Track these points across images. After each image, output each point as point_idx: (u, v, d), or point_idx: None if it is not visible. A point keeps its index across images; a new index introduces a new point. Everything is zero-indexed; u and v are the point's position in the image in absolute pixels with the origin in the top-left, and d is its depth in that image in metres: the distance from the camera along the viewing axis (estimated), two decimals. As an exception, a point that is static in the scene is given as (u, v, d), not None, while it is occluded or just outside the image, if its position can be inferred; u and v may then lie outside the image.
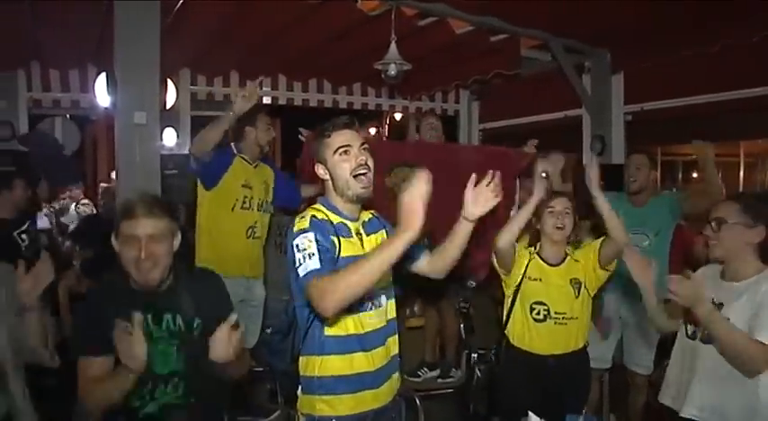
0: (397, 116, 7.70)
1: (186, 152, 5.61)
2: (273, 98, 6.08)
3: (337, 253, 1.81)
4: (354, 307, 1.80)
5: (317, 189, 1.98)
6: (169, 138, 5.56)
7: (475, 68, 5.38)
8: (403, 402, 2.10)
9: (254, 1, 3.89)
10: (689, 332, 2.12)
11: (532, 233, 2.76)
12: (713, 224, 2.04)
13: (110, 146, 8.29)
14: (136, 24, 3.35)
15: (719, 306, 2.00)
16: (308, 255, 1.74)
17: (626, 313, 3.34)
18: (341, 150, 1.88)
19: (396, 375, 2.03)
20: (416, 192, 1.56)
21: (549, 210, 2.64)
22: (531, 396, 2.56)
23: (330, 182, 1.92)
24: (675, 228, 3.41)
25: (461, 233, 1.90)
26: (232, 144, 3.45)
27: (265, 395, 3.56)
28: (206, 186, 3.37)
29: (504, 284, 2.75)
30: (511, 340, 2.73)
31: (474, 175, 1.82)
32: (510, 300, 2.72)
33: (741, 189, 7.80)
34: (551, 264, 2.68)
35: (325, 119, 2.02)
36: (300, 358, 1.94)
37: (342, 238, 1.86)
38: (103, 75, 4.88)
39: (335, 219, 1.90)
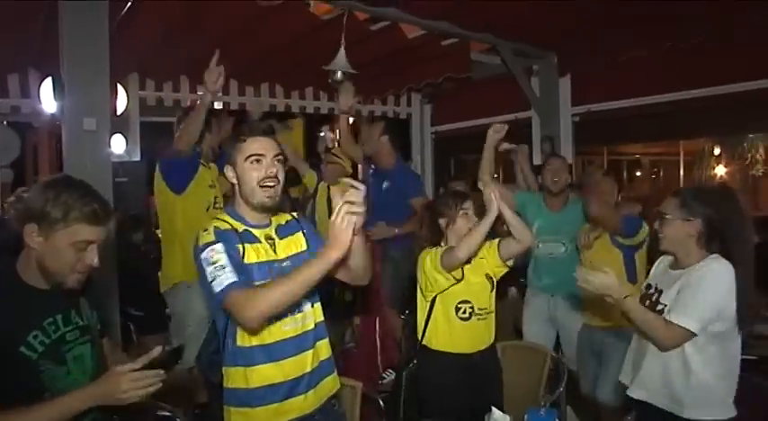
0: (350, 120, 7.70)
1: (137, 159, 5.50)
2: (225, 103, 5.98)
3: (241, 260, 1.80)
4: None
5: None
6: (118, 144, 5.40)
7: (426, 72, 5.43)
8: (338, 405, 2.07)
9: (205, 4, 3.83)
10: None
11: (432, 234, 2.85)
12: (658, 219, 2.20)
13: (51, 153, 8.03)
14: (83, 26, 3.21)
15: (659, 292, 2.18)
16: (220, 267, 1.72)
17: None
18: (252, 158, 1.85)
19: (329, 378, 2.01)
20: (345, 213, 1.57)
21: (463, 211, 2.77)
22: (459, 396, 2.65)
23: (237, 186, 1.90)
24: None
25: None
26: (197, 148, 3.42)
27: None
28: (176, 191, 3.32)
29: (423, 292, 2.80)
30: (430, 345, 2.78)
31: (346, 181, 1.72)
32: (428, 305, 2.78)
33: (682, 184, 8.23)
34: (466, 263, 2.75)
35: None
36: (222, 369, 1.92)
37: (246, 245, 1.84)
38: (49, 79, 4.71)
39: (240, 226, 1.88)
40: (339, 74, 4.00)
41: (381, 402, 2.61)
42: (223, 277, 1.70)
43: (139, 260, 4.38)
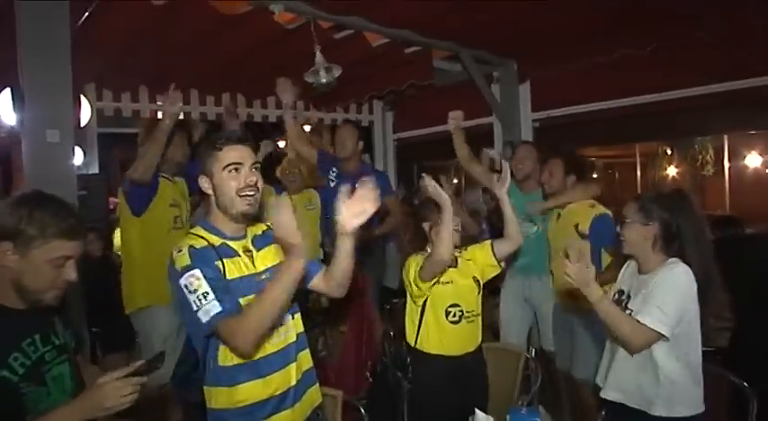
0: (307, 128, 7.65)
1: (96, 171, 5.36)
2: (185, 113, 5.88)
3: (223, 276, 1.76)
4: None
5: None
6: (76, 156, 5.23)
7: (390, 80, 5.48)
8: (321, 415, 2.05)
9: (167, 13, 3.77)
10: None
11: (417, 239, 2.87)
12: (620, 223, 2.27)
13: (2, 166, 7.72)
14: (43, 32, 3.07)
15: (628, 296, 2.23)
16: (203, 295, 1.67)
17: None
18: (231, 167, 1.80)
19: (312, 389, 2.00)
20: (282, 220, 1.59)
21: None
22: (449, 398, 2.67)
23: (213, 197, 1.84)
24: None
25: (343, 249, 1.82)
26: None
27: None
28: (136, 212, 3.22)
29: (412, 297, 2.82)
30: (422, 348, 2.80)
31: (347, 186, 1.73)
32: (419, 309, 2.80)
33: (638, 185, 8.50)
34: (452, 266, 2.80)
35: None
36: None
37: (226, 260, 1.79)
38: (8, 90, 4.54)
39: (217, 240, 1.82)
40: (322, 72, 3.96)
41: (362, 409, 2.61)
42: (209, 306, 1.66)
43: (100, 276, 4.25)
